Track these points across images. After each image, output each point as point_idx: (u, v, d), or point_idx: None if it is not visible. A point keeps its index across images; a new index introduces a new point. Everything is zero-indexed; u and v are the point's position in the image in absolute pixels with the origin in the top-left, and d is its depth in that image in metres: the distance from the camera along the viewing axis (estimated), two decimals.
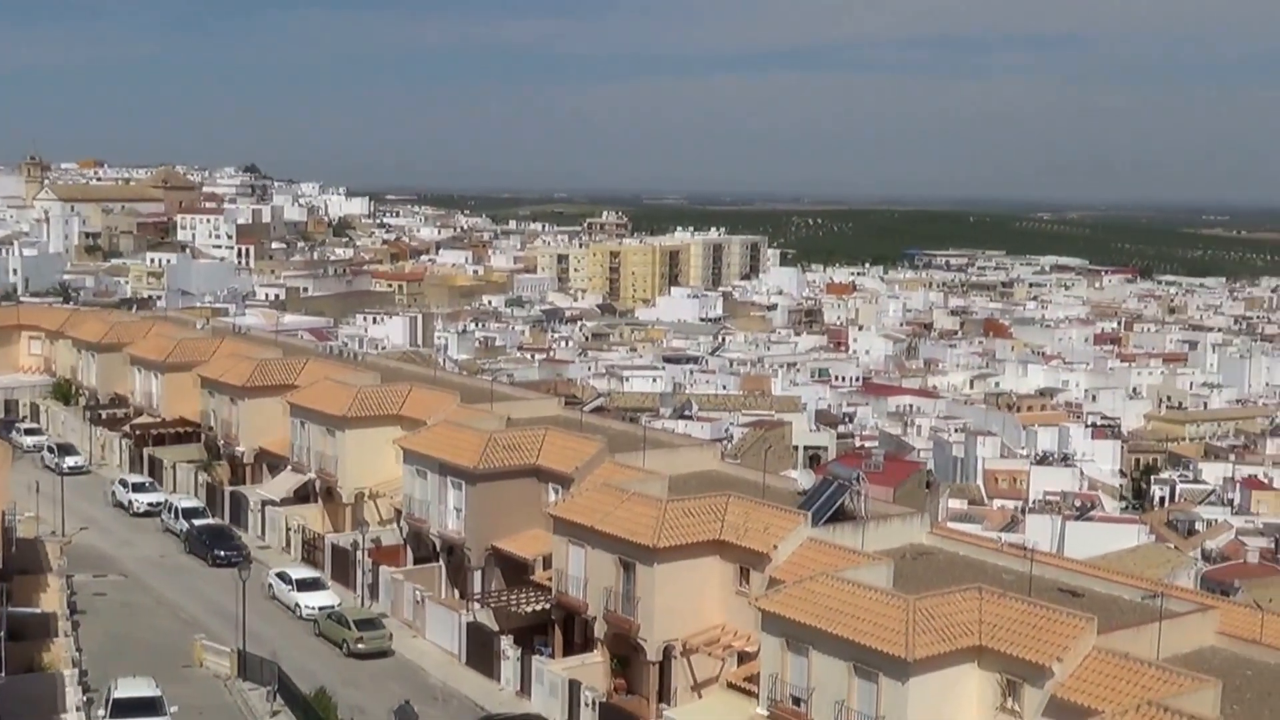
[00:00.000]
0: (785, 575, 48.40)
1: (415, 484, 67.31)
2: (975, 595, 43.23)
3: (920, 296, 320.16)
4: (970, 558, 52.42)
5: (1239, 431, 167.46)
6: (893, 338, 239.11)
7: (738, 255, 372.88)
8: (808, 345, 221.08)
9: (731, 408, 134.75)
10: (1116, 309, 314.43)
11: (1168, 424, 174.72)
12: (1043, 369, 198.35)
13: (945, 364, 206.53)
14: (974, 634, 41.65)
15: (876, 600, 42.81)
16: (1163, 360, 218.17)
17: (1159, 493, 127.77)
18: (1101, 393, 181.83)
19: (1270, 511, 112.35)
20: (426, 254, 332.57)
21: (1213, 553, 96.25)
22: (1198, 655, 42.97)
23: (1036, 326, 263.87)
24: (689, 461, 64.96)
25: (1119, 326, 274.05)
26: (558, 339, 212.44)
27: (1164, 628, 42.42)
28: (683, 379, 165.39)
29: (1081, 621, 40.90)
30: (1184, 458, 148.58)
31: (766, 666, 45.24)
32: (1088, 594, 47.45)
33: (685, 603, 51.92)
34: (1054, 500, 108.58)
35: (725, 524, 52.37)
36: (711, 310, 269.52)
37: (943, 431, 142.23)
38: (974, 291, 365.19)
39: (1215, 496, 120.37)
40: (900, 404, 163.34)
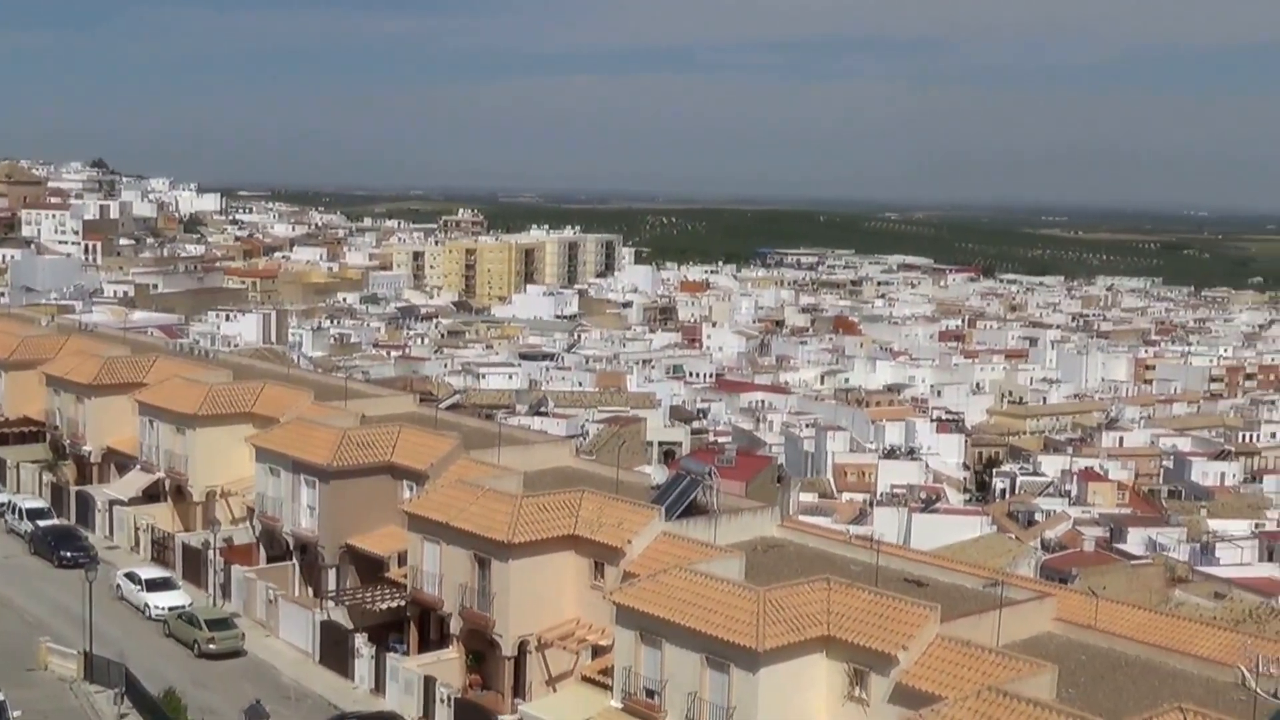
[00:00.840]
0: (639, 569, 49.05)
1: (268, 482, 66.61)
2: (823, 586, 44.32)
3: (772, 294, 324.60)
4: (819, 550, 53.61)
5: (1076, 425, 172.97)
6: (745, 335, 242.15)
7: (593, 253, 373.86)
8: (662, 342, 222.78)
9: (587, 404, 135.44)
10: (960, 307, 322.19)
11: (1009, 418, 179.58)
12: (890, 365, 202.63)
13: (796, 361, 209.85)
14: (822, 624, 42.72)
15: (728, 592, 43.67)
16: (1004, 356, 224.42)
17: (1000, 485, 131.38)
18: (946, 388, 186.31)
19: (1105, 502, 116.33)
20: (280, 251, 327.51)
21: (1051, 542, 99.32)
22: (1036, 641, 44.59)
23: (884, 324, 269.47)
24: (544, 458, 65.31)
25: (963, 324, 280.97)
26: (413, 336, 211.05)
27: (1004, 615, 43.92)
28: (538, 376, 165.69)
29: (925, 610, 42.19)
30: (1024, 451, 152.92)
31: (620, 659, 45.84)
32: (932, 583, 48.86)
33: (540, 598, 52.29)
34: (901, 493, 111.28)
35: (580, 519, 52.85)
36: (567, 308, 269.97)
37: (794, 427, 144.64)
38: (824, 289, 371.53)
39: (1054, 488, 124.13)
40: (753, 400, 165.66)
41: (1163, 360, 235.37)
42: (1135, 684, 41.22)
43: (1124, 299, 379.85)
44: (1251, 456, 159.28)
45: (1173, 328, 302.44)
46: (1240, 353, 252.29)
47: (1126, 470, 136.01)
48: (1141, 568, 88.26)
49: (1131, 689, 40.75)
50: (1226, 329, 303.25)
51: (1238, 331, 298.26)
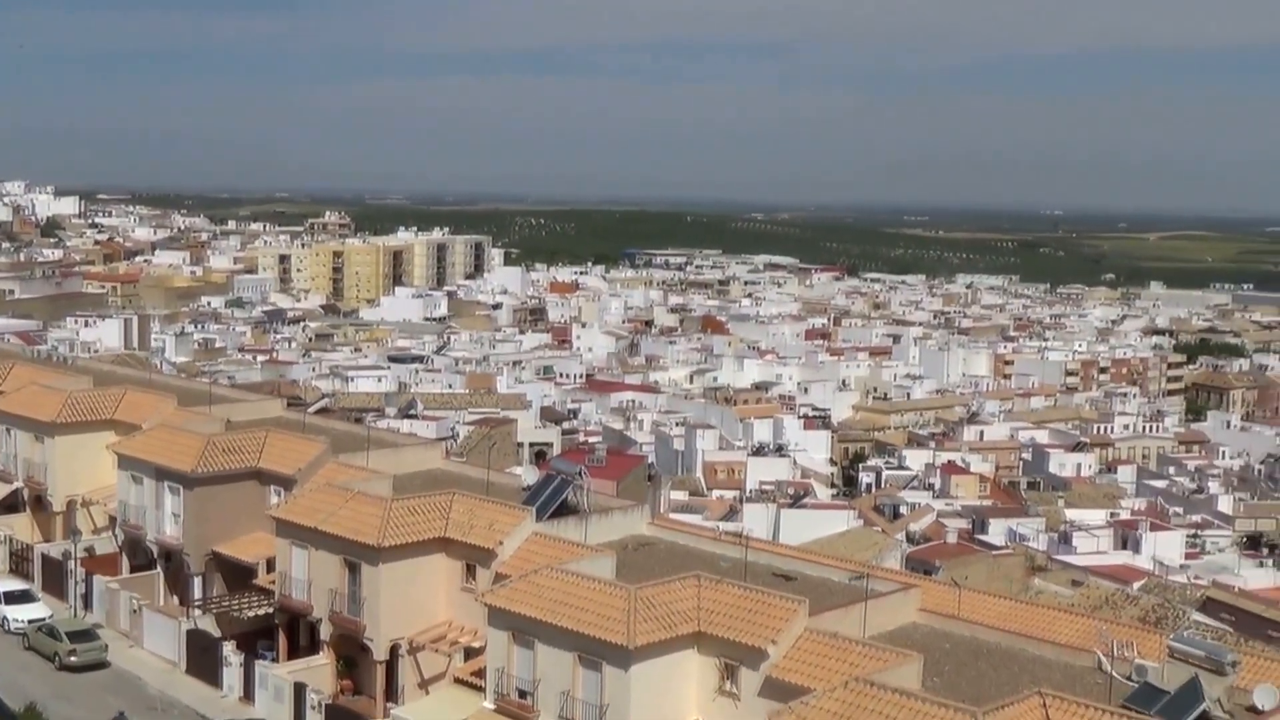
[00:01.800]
0: (511, 570, 49.13)
1: (131, 490, 65.34)
2: (694, 583, 44.82)
3: (641, 295, 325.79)
4: (690, 547, 54.15)
5: (939, 420, 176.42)
6: (615, 335, 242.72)
7: (462, 255, 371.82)
8: (532, 343, 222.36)
9: (457, 406, 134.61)
10: (826, 305, 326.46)
11: (874, 414, 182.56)
12: (758, 364, 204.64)
13: (666, 360, 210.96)
14: (693, 620, 43.21)
15: (599, 591, 43.96)
16: (869, 354, 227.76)
17: (866, 479, 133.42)
18: (813, 385, 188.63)
19: (968, 495, 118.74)
20: (142, 255, 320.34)
21: (916, 535, 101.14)
22: (901, 632, 45.56)
23: (752, 323, 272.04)
24: (414, 460, 65.02)
25: (828, 322, 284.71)
26: (280, 340, 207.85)
27: (870, 607, 44.84)
28: (408, 378, 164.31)
29: (794, 604, 42.90)
30: (889, 446, 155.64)
31: (493, 660, 45.88)
32: (801, 578, 49.66)
33: (412, 601, 52.09)
34: (770, 489, 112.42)
35: (450, 521, 52.75)
36: (436, 310, 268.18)
37: (664, 426, 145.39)
38: (692, 289, 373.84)
39: (918, 481, 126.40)
40: (623, 400, 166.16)
41: (1021, 355, 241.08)
42: (997, 671, 42.35)
43: (983, 296, 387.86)
44: (1106, 448, 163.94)
45: (1030, 324, 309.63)
46: (1094, 347, 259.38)
47: (987, 463, 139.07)
48: (1003, 558, 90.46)
49: (993, 676, 41.87)
50: (1081, 324, 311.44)
51: (1092, 327, 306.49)
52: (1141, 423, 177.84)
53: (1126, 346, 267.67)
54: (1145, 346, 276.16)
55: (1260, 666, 42.61)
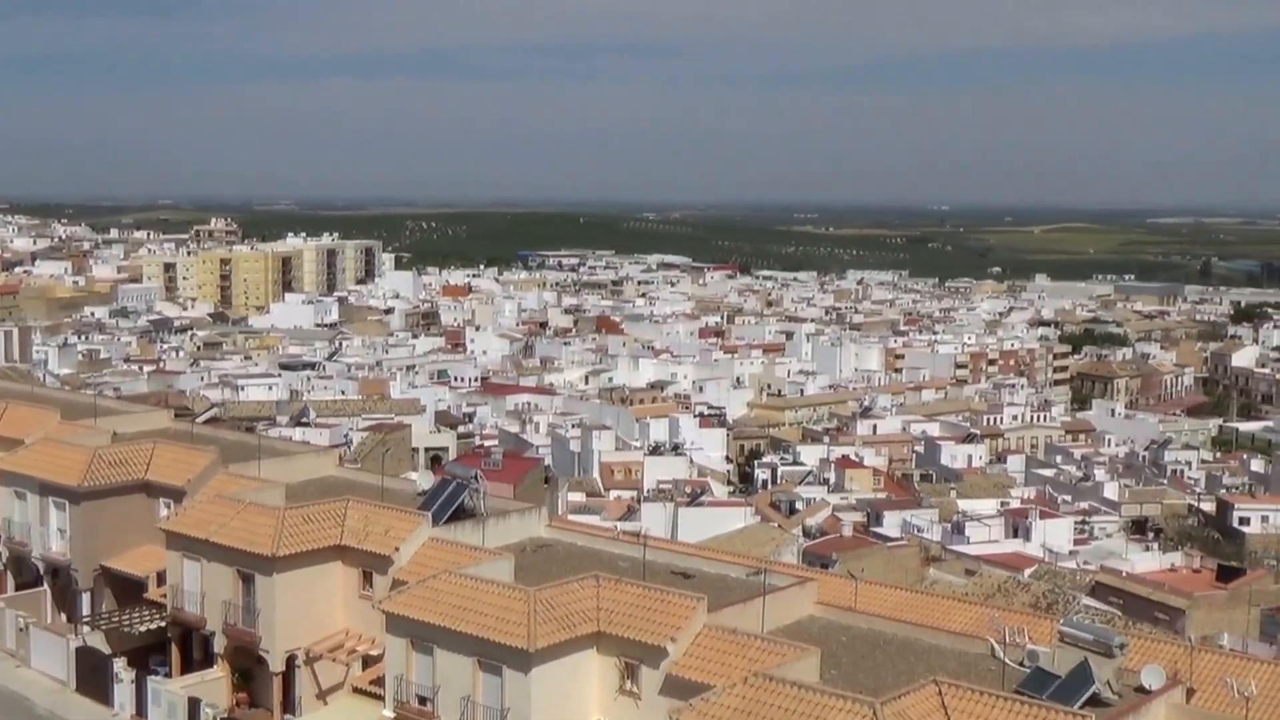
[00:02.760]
0: (408, 576, 48.71)
1: (14, 506, 63.77)
2: (593, 583, 44.80)
3: (535, 296, 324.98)
4: (588, 548, 54.13)
5: (833, 415, 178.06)
6: (509, 337, 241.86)
7: (352, 260, 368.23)
8: (426, 347, 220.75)
9: (350, 412, 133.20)
10: (719, 303, 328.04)
11: (769, 411, 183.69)
12: (653, 363, 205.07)
13: (561, 361, 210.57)
14: (593, 621, 43.18)
15: (498, 594, 43.76)
16: (762, 351, 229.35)
17: (763, 476, 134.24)
18: (708, 384, 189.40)
19: (862, 488, 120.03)
20: (21, 265, 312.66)
21: (812, 529, 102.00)
22: (799, 625, 45.95)
23: (646, 322, 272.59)
24: (307, 468, 64.23)
25: (722, 320, 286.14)
26: (168, 350, 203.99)
27: (768, 602, 45.14)
28: (300, 386, 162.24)
29: (693, 601, 43.05)
30: (784, 442, 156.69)
31: (392, 668, 45.47)
32: (699, 575, 49.86)
33: (308, 610, 51.44)
34: (667, 488, 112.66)
35: (346, 529, 52.20)
36: (327, 315, 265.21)
37: (560, 427, 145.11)
38: (586, 290, 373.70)
39: (813, 477, 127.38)
40: (519, 402, 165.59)
41: (911, 349, 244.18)
42: (894, 661, 42.87)
43: (874, 292, 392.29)
44: (995, 438, 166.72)
45: (920, 318, 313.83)
46: (983, 340, 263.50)
47: (881, 456, 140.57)
48: (898, 549, 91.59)
49: (890, 666, 42.37)
50: (969, 318, 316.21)
51: (980, 320, 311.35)
52: (1029, 413, 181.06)
53: (1014, 338, 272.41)
54: (1032, 338, 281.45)
55: (1147, 648, 43.63)
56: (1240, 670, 41.61)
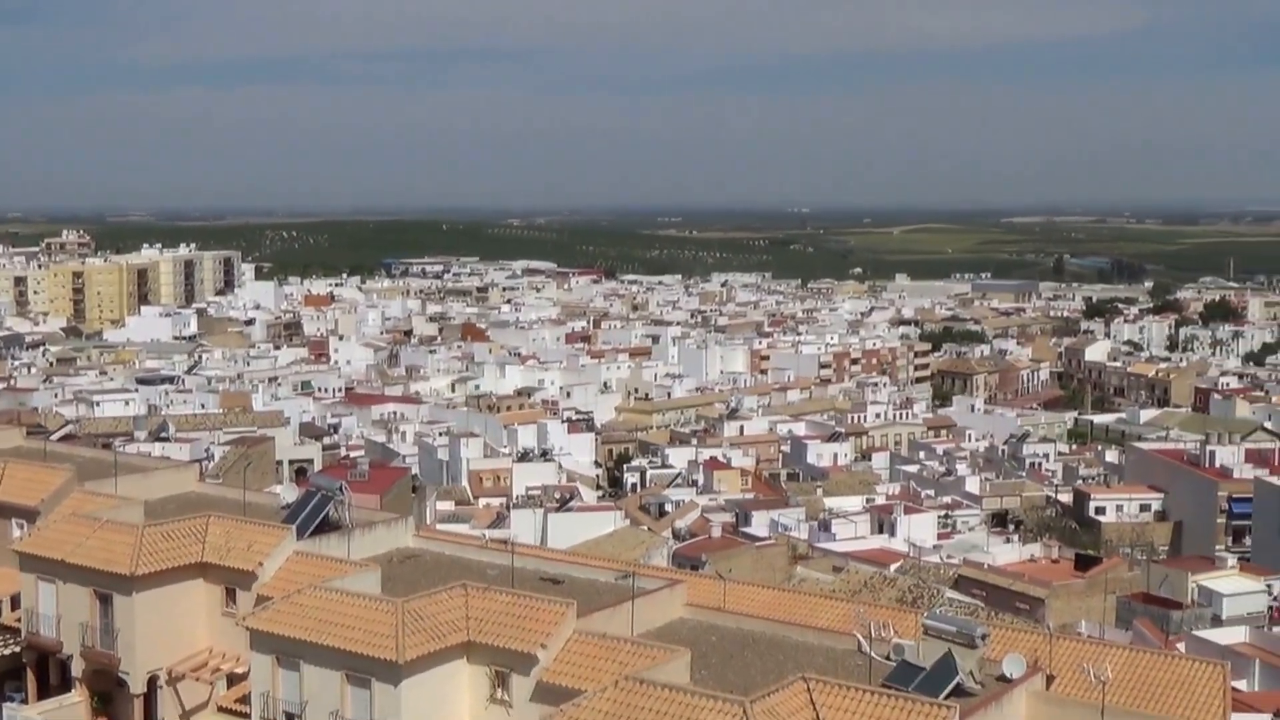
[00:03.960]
0: (273, 591, 47.87)
1: None
2: (461, 592, 44.45)
3: (399, 305, 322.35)
4: (457, 557, 53.71)
5: (700, 417, 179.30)
6: (374, 347, 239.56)
7: (211, 271, 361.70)
8: (289, 358, 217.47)
9: (212, 426, 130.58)
10: (585, 308, 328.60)
11: (637, 414, 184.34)
12: (520, 369, 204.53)
13: (427, 370, 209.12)
14: (462, 630, 42.85)
15: (365, 607, 43.21)
16: (629, 355, 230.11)
17: (632, 479, 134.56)
18: (575, 389, 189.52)
19: (731, 489, 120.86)
20: None
21: (682, 531, 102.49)
22: (669, 627, 46.08)
23: (512, 328, 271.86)
24: (167, 485, 62.81)
25: (588, 325, 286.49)
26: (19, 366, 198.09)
27: (638, 605, 45.20)
28: (158, 400, 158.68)
29: (562, 607, 42.94)
30: (653, 445, 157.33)
31: (257, 685, 44.65)
32: (569, 581, 49.75)
33: (169, 630, 50.30)
34: (536, 494, 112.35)
35: (207, 545, 51.15)
36: (186, 328, 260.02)
37: (428, 436, 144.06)
38: (451, 297, 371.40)
39: (682, 479, 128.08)
40: (385, 412, 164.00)
41: (776, 351, 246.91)
42: (763, 659, 43.20)
43: (738, 294, 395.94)
44: (860, 436, 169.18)
45: (784, 319, 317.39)
46: (846, 339, 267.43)
47: (749, 457, 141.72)
48: (766, 548, 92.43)
49: (759, 664, 42.69)
50: (832, 318, 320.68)
51: (842, 320, 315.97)
52: (892, 410, 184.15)
53: (876, 337, 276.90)
54: (893, 337, 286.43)
55: (1009, 638, 44.57)
56: (1097, 656, 42.72)
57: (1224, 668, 43.52)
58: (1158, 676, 42.92)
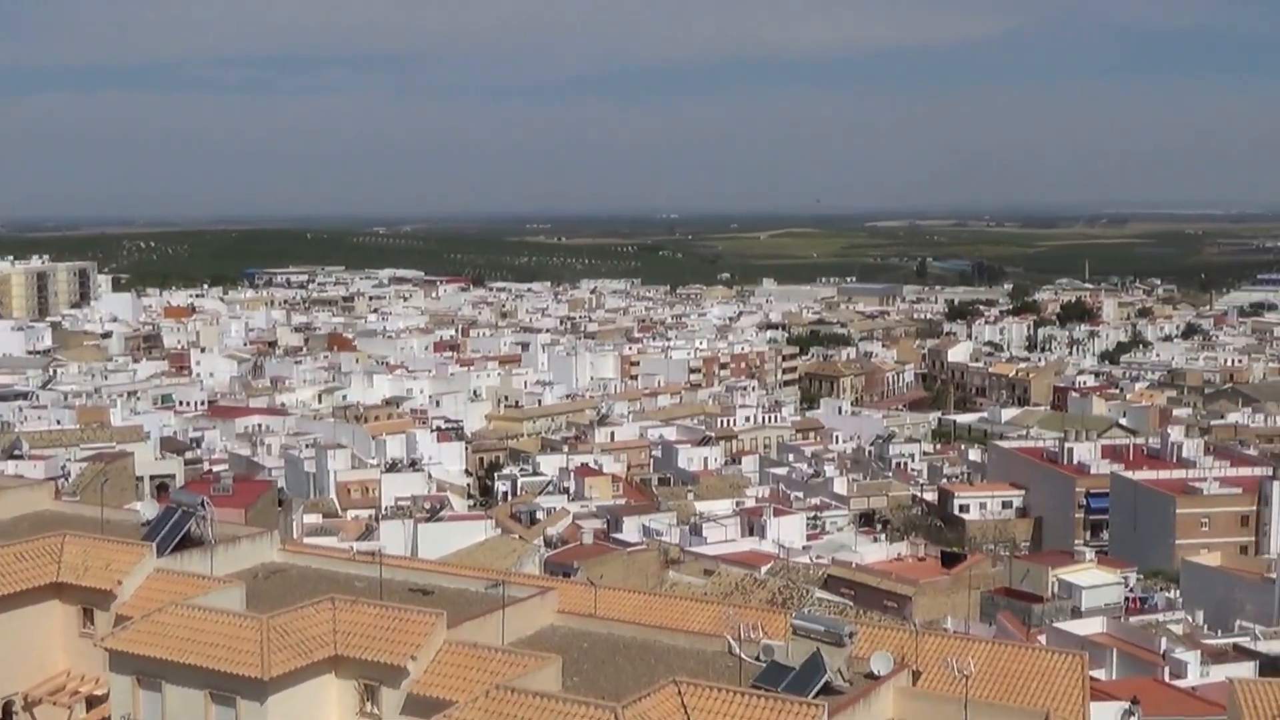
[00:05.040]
0: (133, 610, 46.63)
1: None
2: (328, 606, 43.76)
3: (262, 315, 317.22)
4: (324, 570, 52.86)
5: (571, 424, 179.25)
6: (237, 358, 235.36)
7: (65, 283, 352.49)
8: (148, 372, 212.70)
9: (68, 443, 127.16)
10: (453, 316, 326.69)
11: (507, 422, 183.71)
12: (388, 379, 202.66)
13: (292, 380, 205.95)
14: (329, 644, 42.18)
15: (229, 624, 42.33)
16: (499, 362, 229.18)
17: (503, 488, 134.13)
18: (445, 397, 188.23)
19: (602, 495, 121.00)
20: None
21: (554, 538, 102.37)
22: (540, 635, 45.86)
23: (379, 338, 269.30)
24: (19, 504, 60.79)
25: (457, 333, 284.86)
26: None
27: (508, 613, 44.90)
28: (11, 417, 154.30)
29: (432, 618, 42.49)
30: (523, 452, 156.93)
31: (117, 708, 43.48)
32: (439, 591, 49.25)
33: (23, 653, 48.75)
34: (406, 505, 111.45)
35: (63, 565, 49.65)
36: (40, 342, 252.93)
37: (294, 448, 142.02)
38: (316, 307, 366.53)
39: (553, 486, 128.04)
40: (249, 424, 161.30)
41: (646, 356, 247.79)
42: (634, 664, 43.20)
43: (607, 300, 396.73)
44: (730, 440, 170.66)
45: (653, 325, 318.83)
46: (714, 344, 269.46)
47: (620, 463, 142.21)
48: (638, 553, 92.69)
49: (631, 670, 42.69)
50: (701, 323, 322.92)
51: (711, 325, 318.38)
52: (761, 414, 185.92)
53: (744, 342, 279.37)
54: (761, 341, 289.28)
55: (876, 635, 45.15)
56: (961, 651, 43.44)
57: (1082, 658, 44.55)
58: (1019, 668, 43.79)
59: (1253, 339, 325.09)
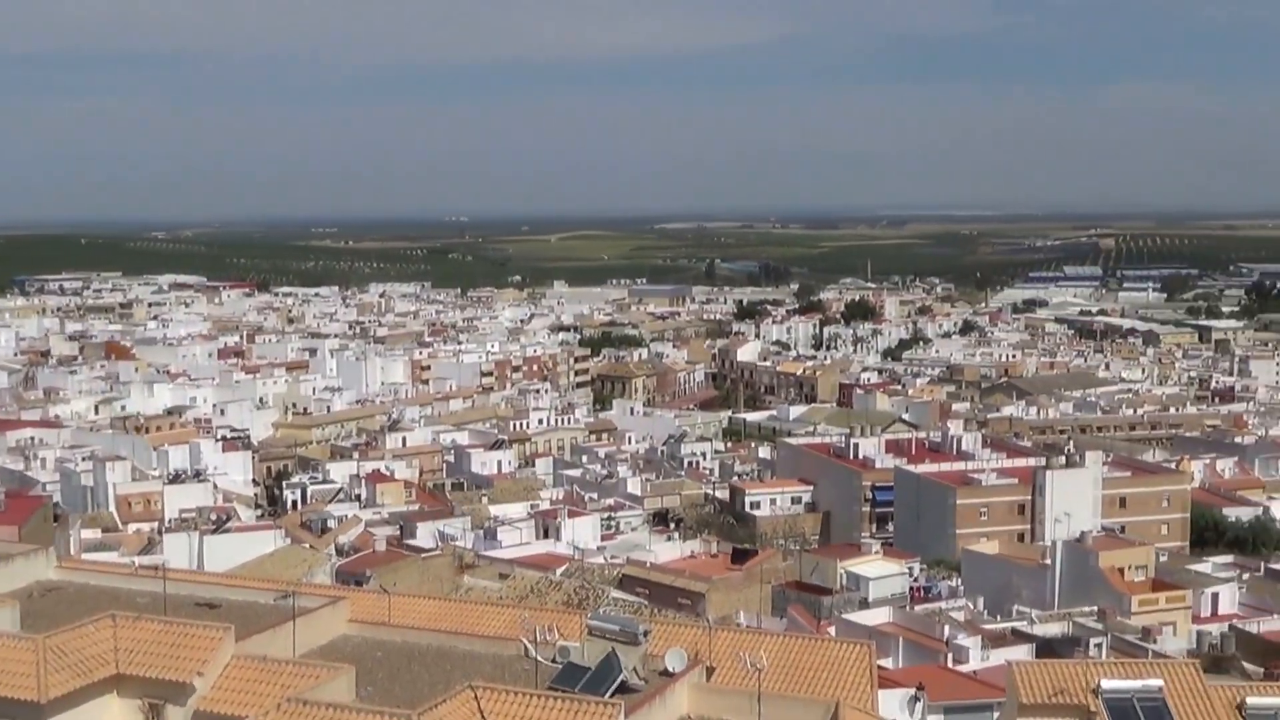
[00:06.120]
0: None
1: None
2: (109, 624, 42.20)
3: (35, 324, 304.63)
4: (105, 586, 50.97)
5: (361, 430, 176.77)
6: (8, 369, 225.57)
7: None
8: None
9: None
10: (238, 322, 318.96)
11: (295, 430, 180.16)
12: (169, 387, 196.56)
13: (67, 391, 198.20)
14: (111, 663, 40.69)
15: (2, 646, 40.53)
16: (286, 369, 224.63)
17: (292, 497, 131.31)
18: (229, 406, 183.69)
19: (394, 501, 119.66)
20: None
21: (345, 547, 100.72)
22: (332, 645, 45.02)
23: (160, 345, 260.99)
24: None
25: (242, 339, 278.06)
26: None
27: (299, 625, 43.95)
28: None
29: (219, 632, 41.35)
30: (313, 460, 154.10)
31: None
32: (226, 604, 47.94)
33: None
34: (190, 517, 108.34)
35: None
36: None
37: (69, 461, 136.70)
38: (92, 315, 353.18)
39: (344, 494, 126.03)
40: (21, 438, 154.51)
41: (437, 360, 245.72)
42: (430, 671, 42.75)
43: (397, 304, 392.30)
44: (523, 443, 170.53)
45: (444, 328, 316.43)
46: (506, 347, 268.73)
47: (412, 468, 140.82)
48: (432, 559, 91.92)
49: (427, 676, 42.23)
50: (493, 326, 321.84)
51: (503, 328, 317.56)
52: (554, 416, 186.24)
53: (536, 344, 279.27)
54: (553, 343, 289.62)
55: (671, 633, 45.56)
56: (753, 645, 44.15)
57: (870, 647, 45.67)
58: (809, 660, 44.71)
59: (1025, 335, 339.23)
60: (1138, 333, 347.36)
